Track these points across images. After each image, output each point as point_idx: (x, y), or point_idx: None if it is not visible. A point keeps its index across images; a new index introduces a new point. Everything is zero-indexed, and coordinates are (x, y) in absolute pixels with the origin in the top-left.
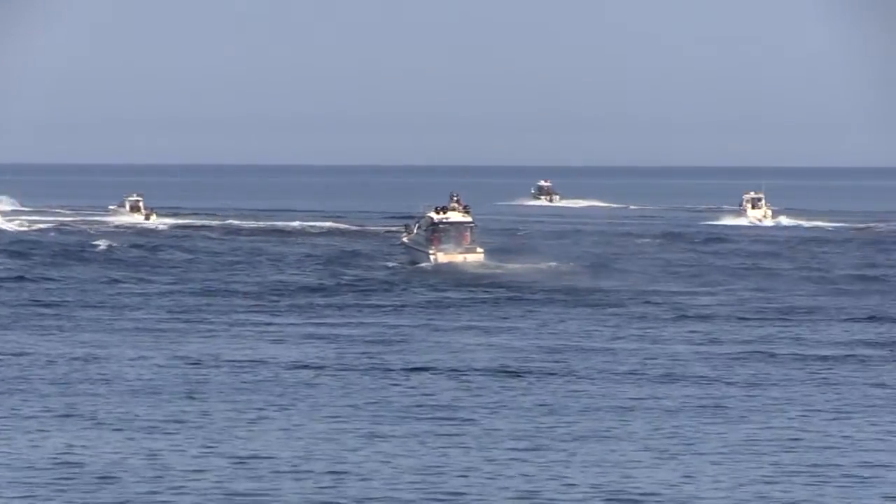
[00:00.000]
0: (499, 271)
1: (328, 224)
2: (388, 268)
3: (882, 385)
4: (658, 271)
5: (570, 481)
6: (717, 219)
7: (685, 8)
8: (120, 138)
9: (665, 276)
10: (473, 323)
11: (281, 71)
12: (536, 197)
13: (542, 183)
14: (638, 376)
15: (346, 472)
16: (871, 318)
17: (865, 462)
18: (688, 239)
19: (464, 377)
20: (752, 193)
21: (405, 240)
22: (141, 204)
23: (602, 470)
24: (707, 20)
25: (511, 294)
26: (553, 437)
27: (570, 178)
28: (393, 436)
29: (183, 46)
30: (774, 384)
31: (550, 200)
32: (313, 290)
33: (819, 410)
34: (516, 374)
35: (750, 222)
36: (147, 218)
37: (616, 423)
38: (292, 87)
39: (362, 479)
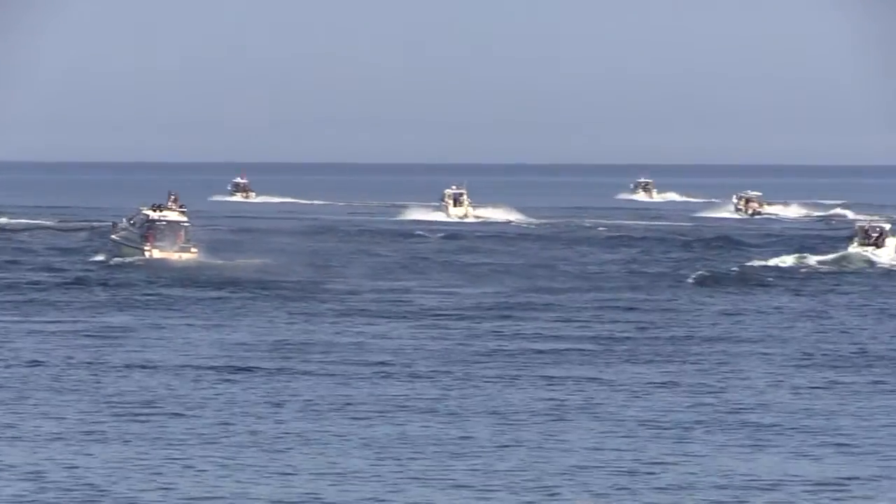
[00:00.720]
0: (217, 269)
1: (37, 221)
2: (100, 264)
3: (598, 380)
4: (373, 268)
5: (288, 482)
6: (415, 214)
7: None
8: None
9: (381, 272)
10: (193, 320)
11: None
12: (232, 194)
13: (239, 180)
14: (358, 374)
15: (58, 473)
16: (583, 313)
17: (576, 465)
18: (393, 235)
19: (184, 374)
20: (454, 188)
21: (114, 237)
22: None
23: (320, 471)
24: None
25: (230, 291)
26: (273, 437)
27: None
28: (111, 434)
29: None
30: (491, 382)
31: (247, 197)
32: (27, 286)
33: (536, 410)
34: (236, 370)
35: (451, 218)
36: None
37: (335, 423)
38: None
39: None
